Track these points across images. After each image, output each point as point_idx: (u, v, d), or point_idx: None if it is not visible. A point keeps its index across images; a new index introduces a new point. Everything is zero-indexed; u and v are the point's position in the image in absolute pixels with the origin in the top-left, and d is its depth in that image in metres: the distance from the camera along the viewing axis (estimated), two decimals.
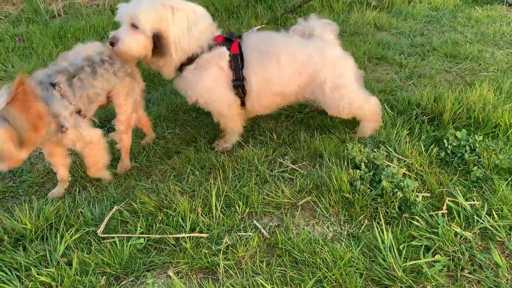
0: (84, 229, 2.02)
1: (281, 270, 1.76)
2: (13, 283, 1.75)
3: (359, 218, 2.01)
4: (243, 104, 2.54)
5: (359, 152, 2.27)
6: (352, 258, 1.78)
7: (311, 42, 2.48)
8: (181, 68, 2.41)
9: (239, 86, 2.43)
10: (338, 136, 2.65)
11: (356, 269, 1.75)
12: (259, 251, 1.88)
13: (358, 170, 2.15)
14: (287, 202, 2.14)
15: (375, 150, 2.36)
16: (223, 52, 2.38)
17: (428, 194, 2.12)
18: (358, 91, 2.54)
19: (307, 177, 2.28)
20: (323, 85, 2.45)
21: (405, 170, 2.24)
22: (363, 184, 2.09)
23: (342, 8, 5.11)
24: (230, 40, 2.42)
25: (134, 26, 2.22)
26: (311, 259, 1.78)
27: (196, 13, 2.31)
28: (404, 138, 2.51)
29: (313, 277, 1.71)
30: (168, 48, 2.28)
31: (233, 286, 1.71)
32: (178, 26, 2.25)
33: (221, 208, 2.13)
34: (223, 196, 2.18)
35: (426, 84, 3.31)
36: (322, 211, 2.06)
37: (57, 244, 1.92)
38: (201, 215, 2.08)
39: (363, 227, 1.97)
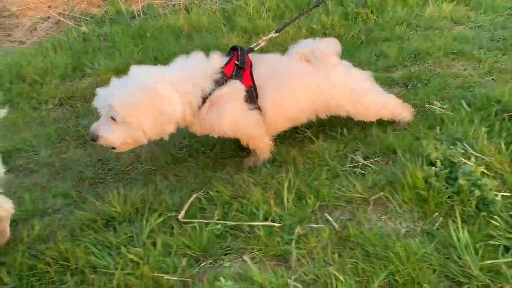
0: (166, 214, 2.19)
1: (353, 262, 1.80)
2: (105, 259, 1.95)
3: (434, 215, 1.99)
4: None
5: (434, 149, 2.23)
6: (425, 254, 1.78)
7: (317, 70, 2.47)
8: None
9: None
10: (412, 132, 2.61)
11: (430, 264, 1.74)
12: (331, 242, 1.93)
13: (433, 167, 2.12)
14: (359, 197, 2.16)
15: (451, 147, 2.30)
16: (239, 88, 2.32)
17: (508, 194, 2.04)
18: (376, 94, 2.61)
19: (379, 173, 2.28)
20: (341, 105, 2.53)
21: (484, 169, 2.17)
22: (438, 181, 2.06)
23: (417, 2, 4.95)
24: (240, 67, 2.35)
25: (112, 118, 2.13)
26: (383, 253, 1.80)
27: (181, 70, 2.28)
28: (483, 136, 2.42)
29: (385, 270, 1.73)
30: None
31: (305, 274, 1.77)
32: (152, 111, 2.14)
33: (293, 200, 2.19)
34: (295, 189, 2.24)
35: (507, 80, 3.15)
36: (395, 207, 2.06)
37: (143, 226, 2.10)
38: (274, 205, 2.16)
39: (437, 224, 1.94)
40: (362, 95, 2.54)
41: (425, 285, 1.65)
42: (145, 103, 2.11)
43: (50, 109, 3.77)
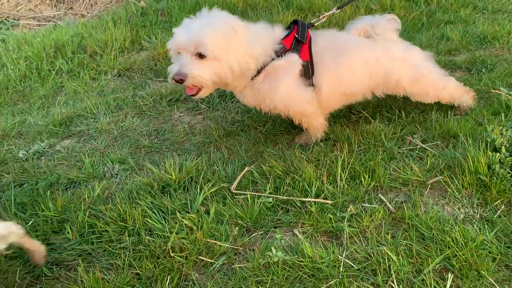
0: (219, 184, 2.23)
1: (407, 243, 1.77)
2: (161, 222, 2.02)
3: (496, 203, 1.90)
4: None
5: (500, 135, 2.13)
6: (485, 241, 1.72)
7: (377, 44, 2.41)
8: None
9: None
10: (474, 117, 2.50)
11: (489, 252, 1.68)
12: (384, 223, 1.90)
13: (498, 153, 2.02)
14: (416, 179, 2.11)
15: None
16: (296, 61, 2.29)
17: None
18: (436, 74, 2.51)
19: (438, 157, 2.21)
20: (400, 83, 2.43)
21: None
22: (502, 168, 1.97)
23: None
24: (299, 41, 2.30)
25: (200, 55, 2.06)
26: (439, 236, 1.76)
27: (252, 31, 2.21)
28: None
29: (441, 254, 1.68)
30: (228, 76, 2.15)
31: (357, 252, 1.76)
32: (238, 50, 2.12)
33: (346, 179, 2.17)
34: (348, 168, 2.22)
35: None
36: (453, 192, 2.00)
37: (197, 194, 2.15)
38: (326, 183, 2.15)
39: (499, 212, 1.86)
40: (423, 74, 2.45)
41: (483, 272, 1.60)
42: (234, 39, 2.10)
43: (109, 79, 3.91)
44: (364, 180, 2.13)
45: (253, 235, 1.94)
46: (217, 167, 2.39)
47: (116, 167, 2.56)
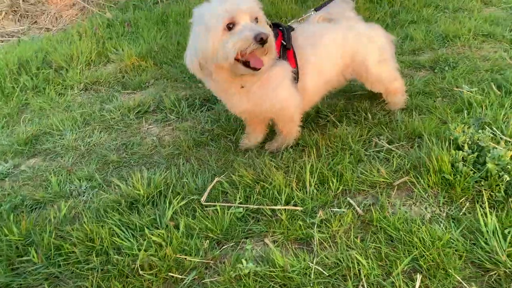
0: (188, 197, 2.20)
1: (376, 246, 1.78)
2: (129, 240, 1.98)
3: (460, 200, 1.94)
4: None
5: (462, 133, 2.17)
6: (451, 240, 1.74)
7: (339, 24, 2.46)
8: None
9: None
10: (438, 116, 2.55)
11: (456, 250, 1.70)
12: (353, 227, 1.90)
13: (461, 151, 2.06)
14: (383, 181, 2.13)
15: (479, 131, 2.24)
16: (288, 69, 2.28)
17: None
18: (394, 64, 2.60)
19: (404, 157, 2.24)
20: (365, 62, 2.47)
21: None
22: (465, 165, 2.00)
23: None
24: (285, 47, 2.29)
25: (256, 19, 2.00)
26: (407, 237, 1.77)
27: None
28: None
29: (409, 255, 1.70)
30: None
31: (327, 258, 1.76)
32: None
33: (315, 184, 2.17)
34: (317, 173, 2.22)
35: None
36: (420, 191, 2.02)
37: (166, 209, 2.12)
38: (296, 189, 2.15)
39: (464, 209, 1.89)
40: (386, 58, 2.52)
41: (450, 270, 1.62)
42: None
43: (75, 94, 3.83)
44: (333, 185, 2.14)
45: (224, 247, 1.92)
46: (187, 179, 2.36)
47: (84, 184, 2.51)
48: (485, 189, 1.93)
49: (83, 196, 2.41)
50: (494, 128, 2.30)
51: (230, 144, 2.70)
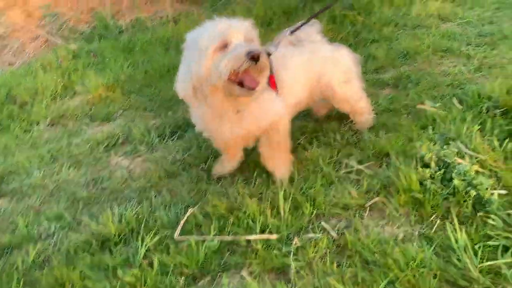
0: (162, 233, 2.16)
1: (352, 271, 1.78)
2: (102, 282, 1.92)
3: (431, 218, 1.97)
4: None
5: (428, 150, 2.22)
6: (425, 259, 1.76)
7: (305, 48, 2.50)
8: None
9: None
10: (404, 134, 2.60)
11: (430, 269, 1.72)
12: (329, 252, 1.91)
13: (428, 169, 2.11)
14: (355, 203, 2.14)
15: (444, 147, 2.29)
16: (273, 93, 2.28)
17: (504, 192, 2.03)
18: (359, 84, 2.65)
19: (374, 178, 2.27)
20: (331, 83, 2.51)
21: (478, 167, 2.15)
22: (433, 183, 2.04)
23: (403, 1, 4.96)
24: None
25: (249, 40, 1.96)
26: (382, 260, 1.78)
27: None
28: (475, 134, 2.41)
29: (385, 278, 1.71)
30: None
31: (305, 287, 1.75)
32: None
33: (289, 209, 2.17)
34: (290, 198, 2.22)
35: (497, 75, 3.14)
36: (391, 211, 2.05)
37: (139, 247, 2.07)
38: (270, 217, 2.14)
39: (435, 227, 1.92)
40: (350, 78, 2.57)
41: None
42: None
43: (42, 130, 3.75)
44: (307, 210, 2.15)
45: (200, 283, 1.89)
46: (159, 213, 2.33)
47: (53, 225, 2.44)
48: (453, 206, 1.97)
49: (53, 238, 2.34)
50: (459, 143, 2.36)
51: (202, 173, 2.68)
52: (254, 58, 1.84)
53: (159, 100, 3.79)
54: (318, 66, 2.50)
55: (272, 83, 2.29)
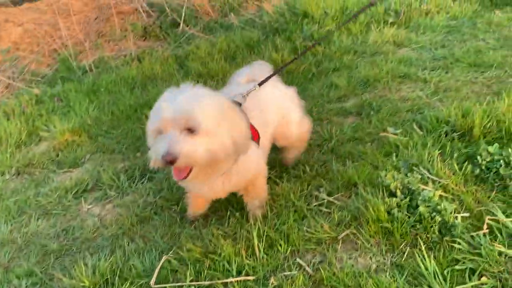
0: (137, 282, 2.14)
1: None
2: None
3: (401, 247, 2.03)
4: None
5: (392, 179, 2.31)
6: None
7: (264, 87, 2.48)
8: None
9: None
10: (370, 162, 2.69)
11: None
12: None
13: (394, 198, 2.18)
14: (328, 236, 2.19)
15: (408, 174, 2.38)
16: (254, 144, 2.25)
17: (467, 214, 2.13)
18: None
19: (344, 209, 2.33)
20: (289, 123, 2.58)
21: (441, 192, 2.25)
22: (400, 211, 2.12)
23: (360, 29, 5.18)
24: None
25: (190, 130, 1.80)
26: None
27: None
28: (437, 158, 2.52)
29: None
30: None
31: None
32: (230, 125, 1.93)
33: (264, 248, 2.19)
34: (265, 236, 2.25)
35: (453, 98, 3.31)
36: (363, 242, 2.10)
37: None
38: (246, 257, 2.15)
39: (405, 255, 1.99)
40: (304, 116, 2.70)
41: None
42: (230, 115, 1.94)
43: (7, 180, 3.65)
44: (281, 247, 2.17)
45: None
46: (133, 261, 2.30)
47: (23, 282, 2.36)
48: (421, 232, 2.05)
49: None
50: (422, 169, 2.46)
51: (175, 215, 2.67)
52: (169, 163, 1.75)
53: (126, 141, 3.78)
54: (279, 99, 2.55)
55: (254, 134, 2.24)
